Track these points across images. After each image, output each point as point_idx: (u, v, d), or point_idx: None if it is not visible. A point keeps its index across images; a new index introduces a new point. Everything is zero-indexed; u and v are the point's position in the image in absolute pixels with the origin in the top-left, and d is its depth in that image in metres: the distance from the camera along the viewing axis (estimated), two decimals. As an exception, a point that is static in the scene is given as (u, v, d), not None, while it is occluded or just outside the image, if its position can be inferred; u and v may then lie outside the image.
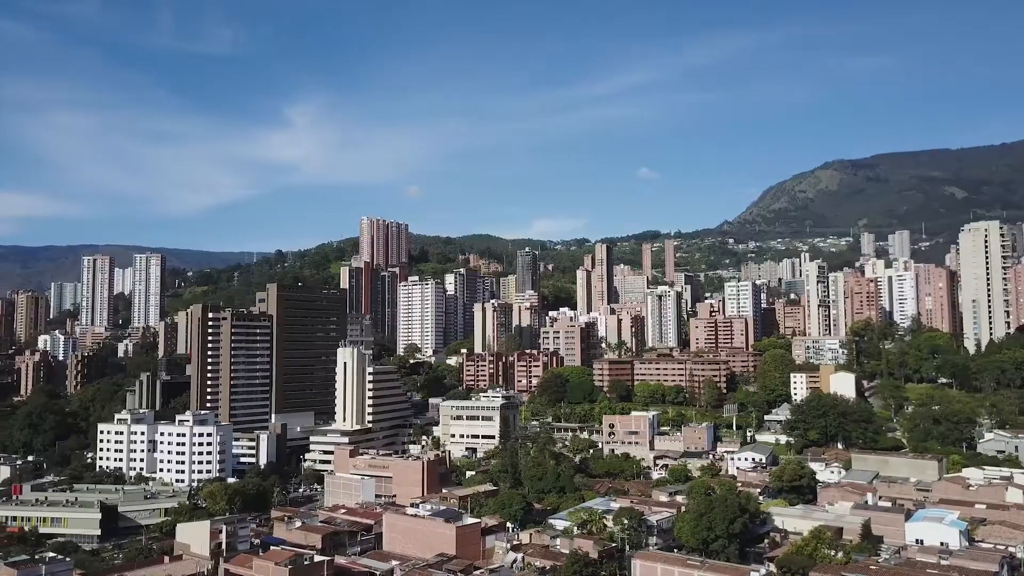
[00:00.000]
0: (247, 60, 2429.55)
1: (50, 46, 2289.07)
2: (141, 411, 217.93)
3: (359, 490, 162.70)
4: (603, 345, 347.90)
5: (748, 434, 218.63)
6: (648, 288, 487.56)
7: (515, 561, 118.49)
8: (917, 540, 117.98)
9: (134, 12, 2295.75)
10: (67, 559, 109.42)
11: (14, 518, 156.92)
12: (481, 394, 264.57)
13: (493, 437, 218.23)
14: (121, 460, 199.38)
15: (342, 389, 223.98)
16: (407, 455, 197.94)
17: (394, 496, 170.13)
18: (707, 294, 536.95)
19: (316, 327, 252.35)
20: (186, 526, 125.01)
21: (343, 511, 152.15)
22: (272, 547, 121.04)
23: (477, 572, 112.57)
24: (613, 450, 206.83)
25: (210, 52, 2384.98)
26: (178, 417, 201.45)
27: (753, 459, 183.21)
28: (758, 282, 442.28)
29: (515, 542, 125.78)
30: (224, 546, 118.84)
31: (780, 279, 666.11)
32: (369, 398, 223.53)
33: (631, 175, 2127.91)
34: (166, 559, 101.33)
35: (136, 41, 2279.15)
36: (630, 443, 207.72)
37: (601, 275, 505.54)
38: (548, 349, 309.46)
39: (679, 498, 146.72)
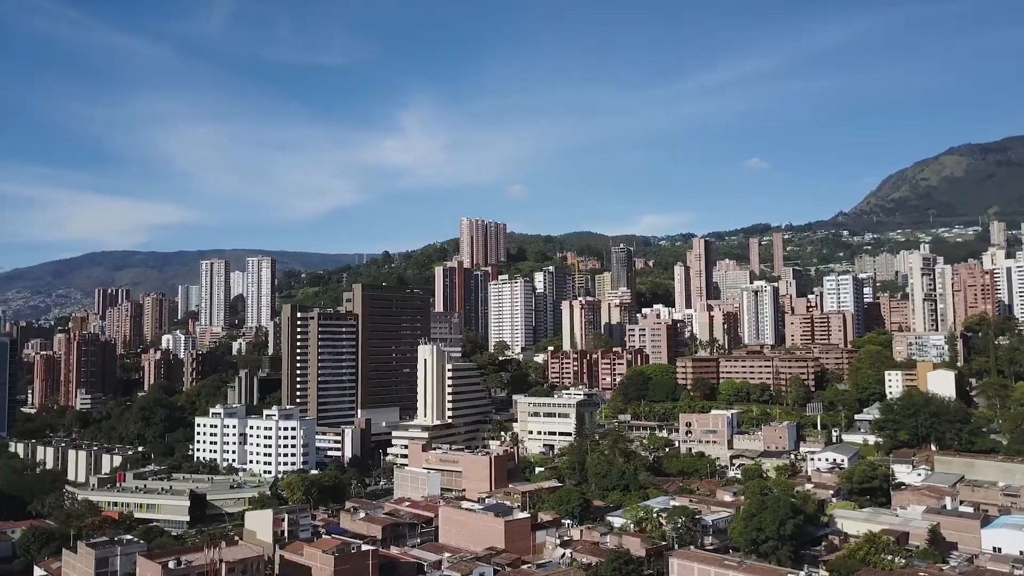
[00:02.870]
0: (361, 69, 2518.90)
1: (178, 63, 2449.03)
2: (234, 406, 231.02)
3: (425, 484, 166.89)
4: (695, 343, 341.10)
5: (835, 434, 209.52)
6: (752, 283, 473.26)
7: (563, 556, 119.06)
8: (994, 548, 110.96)
9: (256, 28, 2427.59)
10: (140, 541, 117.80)
11: (114, 503, 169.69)
12: (563, 392, 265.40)
13: (569, 434, 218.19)
14: (216, 452, 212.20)
15: (422, 385, 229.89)
16: (486, 451, 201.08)
17: (463, 490, 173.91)
18: (815, 289, 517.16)
19: (401, 326, 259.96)
20: (253, 514, 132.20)
21: (407, 504, 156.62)
22: (333, 536, 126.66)
23: (524, 566, 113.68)
24: (690, 449, 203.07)
25: (326, 63, 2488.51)
26: (265, 412, 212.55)
27: (834, 460, 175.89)
28: (862, 276, 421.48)
29: (566, 538, 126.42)
30: (286, 534, 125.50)
31: (897, 272, 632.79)
32: (449, 394, 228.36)
33: (740, 166, 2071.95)
34: (223, 544, 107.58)
35: (257, 55, 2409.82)
36: (707, 442, 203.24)
37: (699, 271, 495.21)
38: (634, 347, 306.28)
39: (742, 498, 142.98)
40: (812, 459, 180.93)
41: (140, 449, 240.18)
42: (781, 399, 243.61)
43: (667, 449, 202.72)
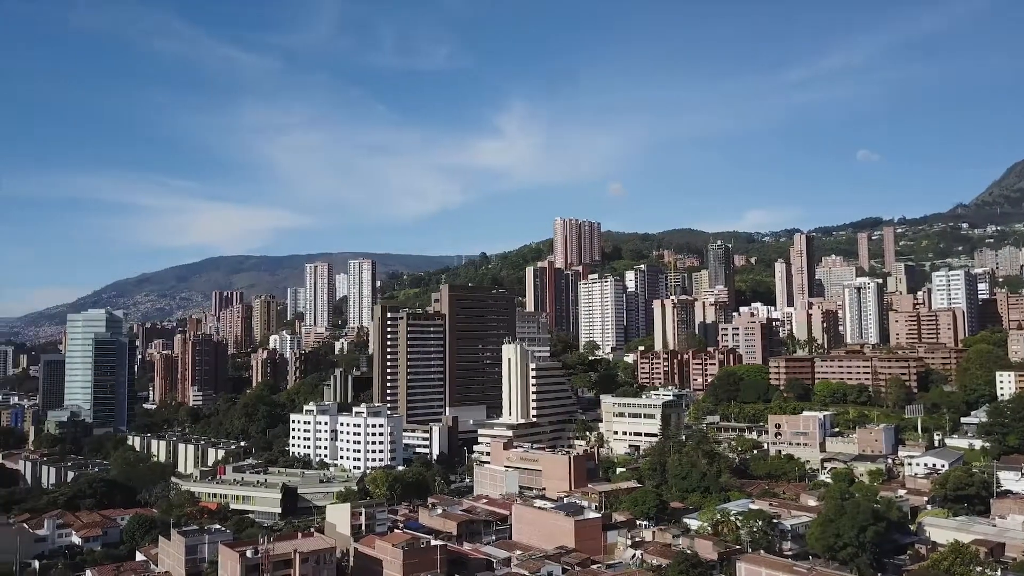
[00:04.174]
0: (461, 72, 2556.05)
1: (286, 73, 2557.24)
2: (326, 404, 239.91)
3: (503, 481, 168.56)
4: (793, 342, 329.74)
5: (937, 438, 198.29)
6: (858, 279, 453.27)
7: (633, 557, 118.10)
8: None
9: (359, 36, 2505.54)
10: (227, 531, 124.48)
11: (213, 495, 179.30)
12: (652, 392, 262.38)
13: (655, 435, 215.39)
14: (309, 447, 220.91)
15: (507, 384, 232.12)
16: (566, 450, 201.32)
17: (543, 489, 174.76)
18: (925, 285, 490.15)
19: (487, 325, 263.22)
20: (334, 508, 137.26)
21: (484, 501, 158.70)
22: (407, 531, 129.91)
23: (594, 566, 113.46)
24: (780, 451, 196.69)
25: (427, 67, 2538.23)
26: (355, 409, 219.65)
27: (933, 464, 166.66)
28: (978, 271, 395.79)
29: (638, 539, 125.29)
30: (364, 527, 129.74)
31: (1022, 267, 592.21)
32: (533, 393, 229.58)
33: (850, 158, 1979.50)
34: (299, 535, 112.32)
35: (360, 62, 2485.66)
36: (797, 444, 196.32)
37: (800, 267, 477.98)
38: (727, 346, 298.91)
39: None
40: (909, 464, 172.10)
41: (242, 444, 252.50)
42: (880, 401, 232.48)
43: (755, 451, 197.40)
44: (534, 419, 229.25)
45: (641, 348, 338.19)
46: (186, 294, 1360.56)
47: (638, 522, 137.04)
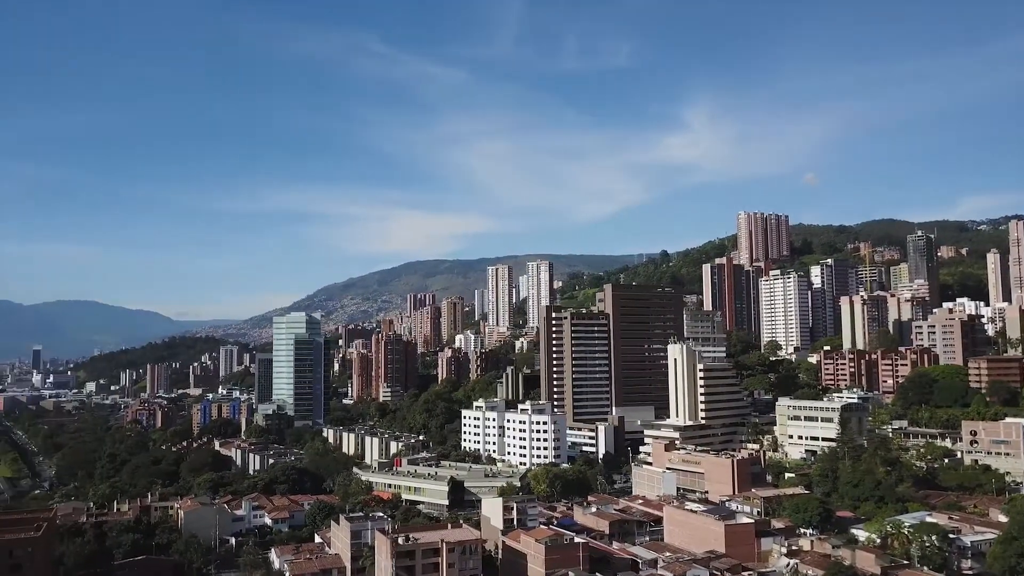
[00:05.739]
0: (645, 69, 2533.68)
1: (473, 84, 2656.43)
2: (495, 400, 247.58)
3: (661, 483, 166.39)
4: (1005, 341, 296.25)
5: None
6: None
7: (787, 566, 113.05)
8: None
9: (542, 43, 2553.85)
10: (388, 518, 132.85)
11: (388, 485, 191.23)
12: (835, 394, 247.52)
13: (833, 440, 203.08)
14: (479, 442, 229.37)
15: (673, 385, 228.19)
16: (730, 453, 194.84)
17: (706, 492, 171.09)
18: None
19: (653, 324, 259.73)
20: (488, 501, 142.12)
21: (640, 501, 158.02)
22: (561, 527, 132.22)
23: (745, 573, 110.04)
24: (976, 461, 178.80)
25: (609, 67, 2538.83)
26: (520, 406, 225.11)
27: None
28: None
29: (794, 547, 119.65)
30: (515, 522, 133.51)
31: None
32: (701, 394, 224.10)
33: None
34: (449, 525, 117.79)
35: (546, 69, 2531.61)
36: (997, 454, 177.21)
37: (1018, 258, 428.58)
38: (921, 345, 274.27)
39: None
40: None
41: (421, 438, 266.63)
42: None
43: (946, 460, 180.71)
44: (703, 421, 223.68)
45: (826, 348, 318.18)
46: (386, 297, 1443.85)
47: (800, 530, 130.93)
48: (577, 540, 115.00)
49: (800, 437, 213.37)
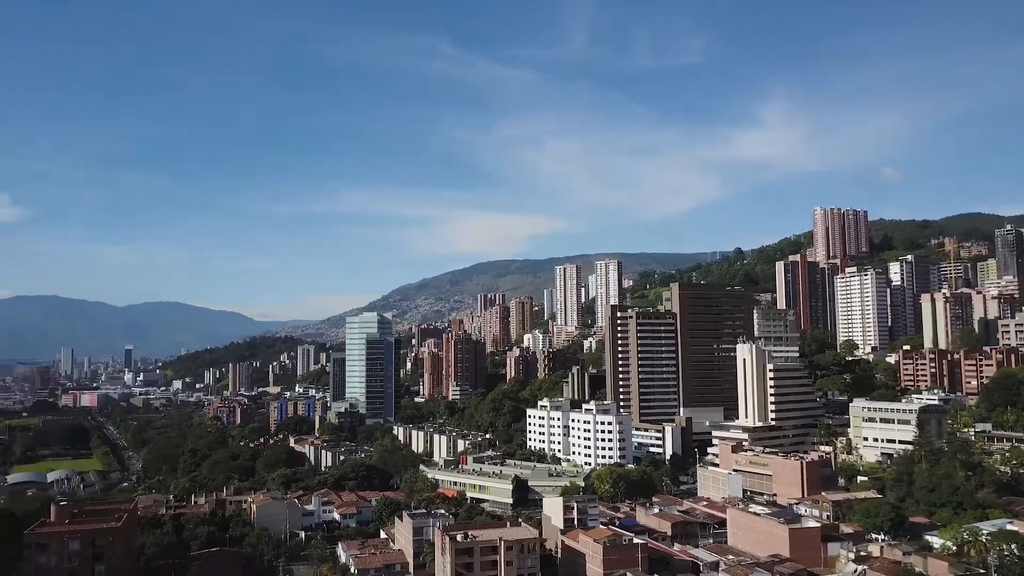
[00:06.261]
0: (716, 66, 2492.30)
1: (543, 84, 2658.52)
2: (559, 400, 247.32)
3: (726, 484, 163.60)
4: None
5: None
6: None
7: (855, 572, 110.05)
8: None
9: (613, 41, 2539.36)
10: (449, 515, 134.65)
11: (453, 483, 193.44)
12: (914, 395, 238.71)
13: (910, 443, 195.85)
14: (544, 442, 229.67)
15: (742, 385, 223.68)
16: (800, 455, 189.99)
17: (774, 495, 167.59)
18: None
19: (721, 324, 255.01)
20: (549, 501, 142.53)
21: (704, 503, 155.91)
22: (625, 529, 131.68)
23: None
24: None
25: (682, 63, 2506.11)
26: (584, 406, 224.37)
27: None
28: None
29: (863, 553, 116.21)
30: (576, 521, 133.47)
31: None
32: (771, 395, 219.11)
33: None
34: (507, 524, 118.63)
35: (616, 67, 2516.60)
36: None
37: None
38: (1008, 345, 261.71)
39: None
40: None
41: (487, 436, 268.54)
42: None
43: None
44: (772, 422, 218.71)
45: (905, 348, 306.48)
46: (458, 297, 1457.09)
47: (872, 535, 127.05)
48: (636, 541, 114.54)
49: (876, 440, 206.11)
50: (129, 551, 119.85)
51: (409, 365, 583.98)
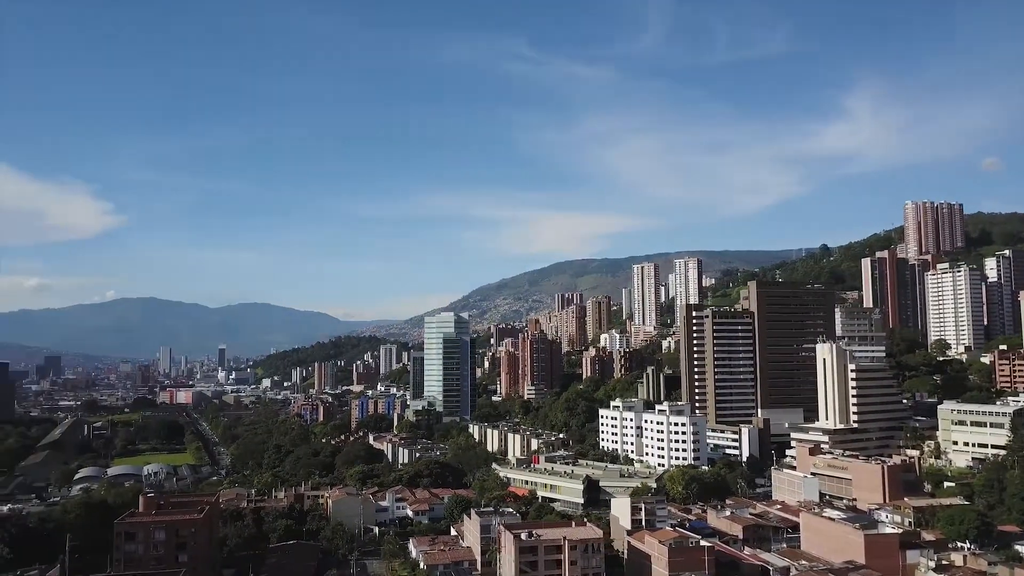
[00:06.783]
0: (798, 56, 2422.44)
1: (620, 82, 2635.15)
2: (632, 400, 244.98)
3: (802, 488, 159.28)
4: None
5: None
6: None
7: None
8: None
9: (692, 36, 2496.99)
10: (516, 514, 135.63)
11: (525, 481, 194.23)
12: (1010, 398, 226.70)
13: (1002, 448, 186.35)
14: (616, 442, 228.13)
15: (822, 386, 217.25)
16: (881, 459, 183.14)
17: (854, 499, 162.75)
18: None
19: (803, 323, 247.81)
20: (617, 502, 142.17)
21: (778, 507, 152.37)
22: (695, 531, 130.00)
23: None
24: None
25: (762, 56, 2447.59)
26: (658, 407, 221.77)
27: None
28: None
29: (945, 562, 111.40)
30: (643, 522, 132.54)
31: None
32: (852, 396, 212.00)
33: None
34: (572, 523, 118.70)
35: (695, 63, 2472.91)
36: None
37: None
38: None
39: None
40: None
41: (561, 436, 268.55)
42: None
43: None
44: (854, 424, 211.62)
45: (1001, 347, 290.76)
46: (537, 296, 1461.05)
47: (956, 543, 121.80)
48: (703, 543, 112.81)
49: (966, 444, 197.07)
50: (211, 541, 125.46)
51: (487, 364, 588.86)
